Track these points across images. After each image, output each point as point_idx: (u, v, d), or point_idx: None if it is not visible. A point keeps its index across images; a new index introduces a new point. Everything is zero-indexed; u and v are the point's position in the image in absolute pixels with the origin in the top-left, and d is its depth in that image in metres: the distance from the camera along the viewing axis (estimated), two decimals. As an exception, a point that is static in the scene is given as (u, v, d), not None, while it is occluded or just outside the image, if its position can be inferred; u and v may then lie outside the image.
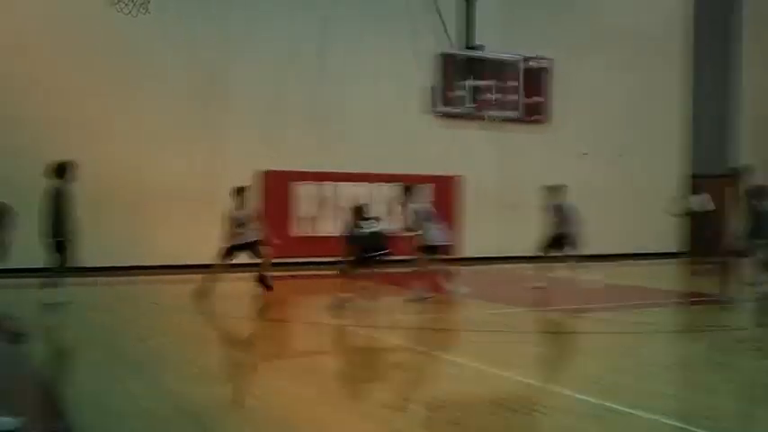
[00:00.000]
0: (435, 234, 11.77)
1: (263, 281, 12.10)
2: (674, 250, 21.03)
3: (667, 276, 16.85)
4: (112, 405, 5.65)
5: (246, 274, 12.44)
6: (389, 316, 11.00)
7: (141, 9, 12.78)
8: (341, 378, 6.85)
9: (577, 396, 5.93)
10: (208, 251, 15.85)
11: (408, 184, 12.22)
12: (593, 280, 14.32)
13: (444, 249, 12.24)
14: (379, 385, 6.30)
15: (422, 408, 5.72)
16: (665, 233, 21.15)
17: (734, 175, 12.75)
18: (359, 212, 11.48)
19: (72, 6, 15.42)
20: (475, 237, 19.05)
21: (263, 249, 12.15)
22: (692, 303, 12.08)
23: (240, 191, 12.34)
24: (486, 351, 7.84)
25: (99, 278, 14.32)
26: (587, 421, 5.33)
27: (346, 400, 5.96)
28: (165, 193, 15.95)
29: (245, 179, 16.69)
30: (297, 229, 17.38)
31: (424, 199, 12.60)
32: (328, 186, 17.70)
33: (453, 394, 6.00)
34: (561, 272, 13.05)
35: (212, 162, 16.52)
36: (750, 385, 6.51)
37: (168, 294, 12.58)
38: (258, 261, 12.21)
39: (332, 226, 17.59)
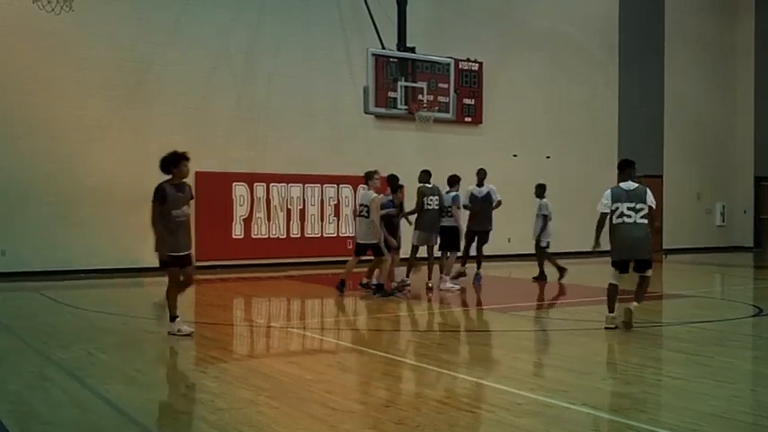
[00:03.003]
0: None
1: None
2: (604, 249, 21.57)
3: (598, 273, 17.26)
4: (35, 413, 5.46)
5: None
6: (329, 316, 10.98)
7: (65, 6, 12.39)
8: (284, 380, 6.77)
9: (519, 393, 6.01)
10: (133, 255, 15.59)
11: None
12: (524, 278, 14.57)
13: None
14: (324, 386, 6.25)
15: (368, 408, 5.70)
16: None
17: None
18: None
19: None
20: (409, 238, 19.13)
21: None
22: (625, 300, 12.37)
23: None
24: (429, 350, 7.87)
25: (21, 283, 13.88)
26: (530, 417, 5.41)
27: (291, 402, 5.89)
28: (90, 195, 15.55)
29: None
30: (234, 231, 17.21)
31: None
32: (261, 188, 17.57)
33: (399, 393, 6.00)
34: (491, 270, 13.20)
35: (139, 164, 16.17)
36: (678, 378, 6.71)
37: (92, 299, 12.24)
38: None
39: (266, 228, 17.51)
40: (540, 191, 14.58)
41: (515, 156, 20.73)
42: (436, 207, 12.94)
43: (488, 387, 6.31)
